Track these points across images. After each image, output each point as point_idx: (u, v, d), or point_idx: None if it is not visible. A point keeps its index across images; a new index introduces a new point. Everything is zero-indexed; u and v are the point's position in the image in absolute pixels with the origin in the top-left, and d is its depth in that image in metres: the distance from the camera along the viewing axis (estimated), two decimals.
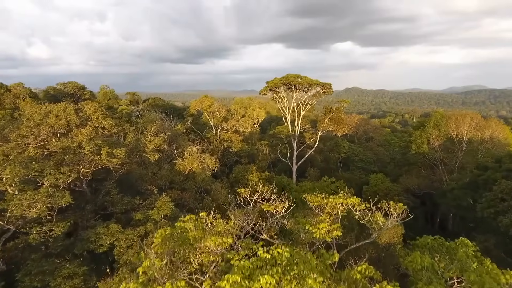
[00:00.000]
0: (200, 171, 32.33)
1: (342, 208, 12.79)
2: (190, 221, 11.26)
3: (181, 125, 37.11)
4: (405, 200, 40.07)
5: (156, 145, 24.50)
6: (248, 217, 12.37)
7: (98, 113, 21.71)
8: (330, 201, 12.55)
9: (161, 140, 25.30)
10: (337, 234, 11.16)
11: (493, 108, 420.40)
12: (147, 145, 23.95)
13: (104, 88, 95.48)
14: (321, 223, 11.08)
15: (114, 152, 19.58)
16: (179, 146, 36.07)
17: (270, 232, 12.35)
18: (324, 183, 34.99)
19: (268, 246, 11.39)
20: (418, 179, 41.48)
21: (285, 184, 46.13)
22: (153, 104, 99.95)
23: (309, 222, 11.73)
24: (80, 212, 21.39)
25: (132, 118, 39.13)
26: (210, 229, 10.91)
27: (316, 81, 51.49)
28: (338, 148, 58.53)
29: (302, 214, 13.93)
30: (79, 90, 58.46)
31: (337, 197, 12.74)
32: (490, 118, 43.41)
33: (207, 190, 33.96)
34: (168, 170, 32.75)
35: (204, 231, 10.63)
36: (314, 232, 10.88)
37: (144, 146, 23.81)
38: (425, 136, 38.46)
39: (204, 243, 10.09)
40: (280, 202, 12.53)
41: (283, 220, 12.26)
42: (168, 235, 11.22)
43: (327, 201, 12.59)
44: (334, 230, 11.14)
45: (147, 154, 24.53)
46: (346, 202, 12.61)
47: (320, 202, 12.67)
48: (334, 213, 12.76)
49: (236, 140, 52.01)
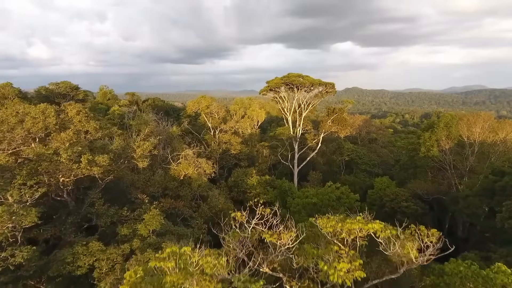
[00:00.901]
0: (196, 177, 30.18)
1: (361, 234, 10.55)
2: (170, 259, 8.87)
3: (176, 127, 34.91)
4: (413, 206, 37.99)
5: (145, 150, 22.38)
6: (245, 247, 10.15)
7: (81, 115, 19.56)
8: (346, 226, 10.34)
9: (150, 145, 23.13)
10: (360, 275, 8.88)
11: (494, 108, 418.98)
12: (135, 151, 21.85)
13: (104, 88, 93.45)
14: (340, 262, 8.81)
15: (96, 159, 17.46)
16: (174, 150, 33.93)
17: (273, 264, 10.14)
18: (328, 189, 32.89)
19: (270, 281, 9.23)
20: (427, 184, 39.34)
21: (286, 188, 44.04)
22: (153, 105, 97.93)
23: (323, 254, 9.51)
24: (61, 226, 19.25)
25: (125, 120, 36.98)
26: (195, 269, 8.68)
27: (319, 80, 49.40)
28: (341, 150, 56.40)
29: (311, 239, 11.66)
30: (72, 90, 56.22)
31: (355, 221, 10.50)
32: (504, 119, 41.22)
33: (203, 196, 31.83)
34: (162, 176, 30.62)
35: (187, 274, 8.39)
36: (331, 274, 8.62)
37: (132, 152, 21.70)
38: (435, 138, 36.32)
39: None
40: (286, 230, 10.25)
41: (289, 253, 9.96)
42: (139, 279, 8.87)
43: (342, 226, 10.37)
44: (356, 269, 8.91)
45: (136, 161, 22.39)
46: (366, 228, 10.35)
47: (335, 227, 10.46)
48: (350, 239, 10.55)
49: (235, 142, 49.88)
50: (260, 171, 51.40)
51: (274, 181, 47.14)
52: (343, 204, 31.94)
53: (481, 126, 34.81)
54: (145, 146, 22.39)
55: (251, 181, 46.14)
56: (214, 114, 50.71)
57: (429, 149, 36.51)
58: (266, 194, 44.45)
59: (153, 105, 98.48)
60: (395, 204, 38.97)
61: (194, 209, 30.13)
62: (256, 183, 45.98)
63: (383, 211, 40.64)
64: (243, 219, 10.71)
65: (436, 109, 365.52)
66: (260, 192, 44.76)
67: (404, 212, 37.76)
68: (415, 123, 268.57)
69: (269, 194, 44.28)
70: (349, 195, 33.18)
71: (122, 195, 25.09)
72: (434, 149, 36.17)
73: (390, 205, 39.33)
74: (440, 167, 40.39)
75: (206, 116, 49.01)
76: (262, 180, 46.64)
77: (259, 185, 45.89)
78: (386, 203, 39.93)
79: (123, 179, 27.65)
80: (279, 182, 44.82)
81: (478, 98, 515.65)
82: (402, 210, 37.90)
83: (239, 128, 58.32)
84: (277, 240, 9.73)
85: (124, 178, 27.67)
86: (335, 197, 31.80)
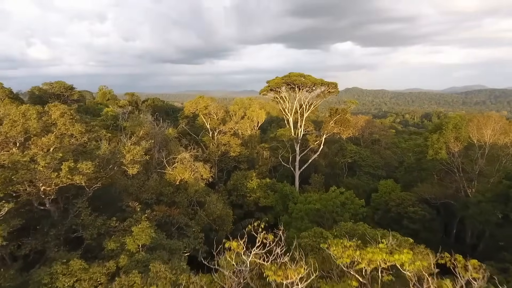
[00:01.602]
0: (193, 182, 28.51)
1: (384, 265, 8.76)
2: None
3: (172, 129, 33.22)
4: (421, 211, 36.32)
5: (136, 155, 20.72)
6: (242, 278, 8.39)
7: (66, 117, 17.87)
8: (367, 256, 8.57)
9: (141, 149, 21.40)
10: None
11: (494, 108, 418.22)
12: (125, 156, 20.19)
13: (103, 88, 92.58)
14: None
15: (78, 166, 15.80)
16: (170, 153, 32.25)
17: None
18: (332, 194, 31.24)
19: None
20: (434, 187, 37.67)
21: (288, 192, 42.37)
22: (152, 105, 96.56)
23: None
24: (43, 238, 17.58)
25: (119, 121, 35.28)
26: None
27: (321, 80, 47.76)
28: (344, 152, 54.73)
29: (320, 264, 9.75)
30: (67, 91, 54.60)
31: (377, 250, 8.67)
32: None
33: (200, 202, 30.16)
34: (156, 181, 28.96)
35: None
36: None
37: (121, 157, 20.04)
38: (443, 140, 34.66)
39: None
40: (294, 265, 8.35)
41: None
42: None
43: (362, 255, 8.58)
44: None
45: (125, 167, 20.70)
46: (392, 259, 8.51)
47: (352, 256, 8.67)
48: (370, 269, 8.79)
49: (234, 144, 48.22)
50: (260, 174, 49.76)
51: (275, 184, 45.50)
52: (348, 210, 30.35)
53: (492, 127, 33.15)
54: (136, 151, 20.70)
55: (251, 185, 44.51)
56: (212, 115, 49.06)
57: (437, 151, 34.85)
58: (266, 198, 42.82)
59: (152, 106, 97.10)
60: (402, 209, 37.32)
61: (191, 216, 28.46)
62: (256, 187, 44.35)
63: (388, 216, 39.02)
64: (240, 250, 8.94)
65: (436, 109, 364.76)
66: (260, 196, 43.13)
67: (411, 217, 36.14)
68: (416, 123, 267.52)
69: (269, 198, 42.65)
70: (354, 201, 31.56)
71: (112, 203, 23.41)
72: (442, 152, 34.50)
73: (396, 210, 37.69)
74: (447, 170, 38.75)
75: (205, 117, 47.34)
76: (263, 184, 45.00)
77: (259, 188, 44.26)
78: (392, 208, 38.30)
79: (115, 185, 25.99)
80: (280, 186, 43.18)
81: (478, 98, 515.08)
82: (409, 216, 36.26)
83: (239, 129, 56.68)
84: (283, 279, 7.95)
85: (116, 183, 26.02)
86: (339, 202, 30.15)
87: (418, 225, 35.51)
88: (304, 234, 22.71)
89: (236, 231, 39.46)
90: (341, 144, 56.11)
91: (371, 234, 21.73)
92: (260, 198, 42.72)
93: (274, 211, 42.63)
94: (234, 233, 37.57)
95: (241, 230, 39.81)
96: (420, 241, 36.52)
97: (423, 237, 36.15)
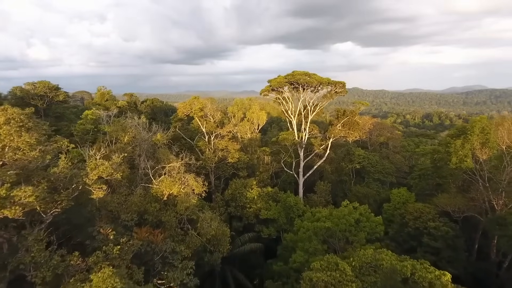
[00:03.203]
0: (183, 197, 24.35)
1: None
2: None
3: (161, 135, 29.05)
4: (443, 227, 32.12)
5: (104, 172, 16.55)
6: None
7: (13, 125, 13.78)
8: None
9: (109, 167, 17.05)
10: None
11: (495, 108, 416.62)
12: (88, 175, 16.01)
13: (101, 89, 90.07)
14: None
15: (14, 194, 11.72)
16: (159, 161, 28.07)
17: None
18: (344, 209, 27.04)
19: None
20: (457, 199, 33.46)
21: (292, 204, 38.18)
22: (151, 105, 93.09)
23: None
24: None
25: (102, 125, 31.12)
26: None
27: (327, 79, 43.63)
28: (351, 157, 50.57)
29: None
30: (51, 91, 50.35)
31: None
32: None
33: (192, 220, 25.96)
34: (141, 196, 24.79)
35: None
36: None
37: (84, 176, 15.87)
38: (469, 147, 30.53)
39: None
40: None
41: None
42: None
43: None
44: None
45: (90, 188, 16.49)
46: None
47: None
48: None
49: (232, 150, 44.06)
50: (261, 181, 45.62)
51: (278, 193, 41.34)
52: (363, 229, 26.17)
53: None
54: (102, 169, 16.51)
55: (251, 194, 40.39)
56: (209, 117, 44.88)
57: (462, 159, 30.68)
58: (268, 209, 38.68)
59: (151, 106, 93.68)
60: (420, 223, 33.11)
61: (181, 237, 24.28)
62: (257, 197, 40.22)
63: (405, 231, 34.79)
64: None
65: (437, 110, 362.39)
66: (261, 208, 39.00)
67: (432, 234, 31.96)
68: (417, 124, 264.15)
69: (271, 210, 38.50)
70: (370, 217, 27.41)
71: (82, 228, 19.21)
72: (468, 160, 30.35)
73: (414, 225, 33.48)
74: (471, 179, 34.60)
75: (200, 120, 43.15)
76: (264, 193, 40.87)
77: (260, 198, 40.14)
78: (409, 222, 34.10)
79: (90, 202, 21.81)
80: (283, 196, 39.01)
81: (478, 98, 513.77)
82: (429, 232, 32.09)
83: (238, 132, 52.57)
84: None
85: (92, 200, 21.85)
86: (353, 220, 25.93)
87: (440, 243, 31.34)
88: (315, 266, 18.53)
89: (234, 248, 35.31)
90: (348, 149, 51.97)
91: (400, 268, 17.61)
92: (261, 210, 38.60)
93: (276, 224, 38.51)
94: (232, 250, 33.48)
95: (239, 247, 35.81)
96: (442, 261, 32.28)
97: (445, 256, 32.04)
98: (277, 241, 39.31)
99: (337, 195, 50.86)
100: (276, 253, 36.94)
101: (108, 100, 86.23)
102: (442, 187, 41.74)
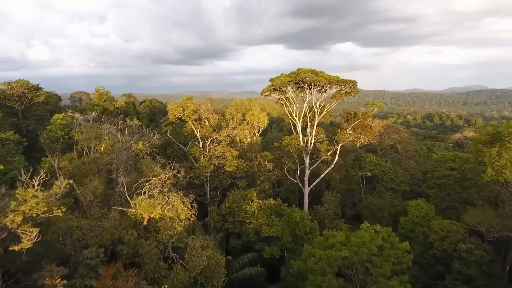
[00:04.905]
0: (167, 222, 19.68)
1: None
2: None
3: (142, 144, 24.31)
4: (477, 250, 27.41)
5: (33, 210, 11.79)
6: None
7: None
8: None
9: (40, 201, 12.19)
10: None
11: (495, 108, 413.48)
12: (7, 214, 11.31)
13: (100, 89, 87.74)
14: None
15: None
16: (141, 175, 23.33)
17: None
18: (364, 234, 22.24)
19: None
20: (490, 215, 28.80)
21: (298, 220, 33.40)
22: (150, 106, 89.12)
23: None
24: None
25: (74, 132, 26.36)
26: None
27: (336, 77, 38.91)
28: (361, 163, 45.86)
29: None
30: (31, 91, 45.59)
31: None
32: None
33: (179, 249, 21.22)
34: (116, 220, 20.09)
35: None
36: None
37: (3, 217, 11.17)
38: (508, 156, 25.91)
39: None
40: None
41: None
42: None
43: None
44: None
45: (17, 232, 11.68)
46: None
47: None
48: None
49: (230, 156, 39.34)
50: (262, 192, 40.85)
51: (281, 206, 36.62)
52: (388, 259, 21.45)
53: None
54: (32, 204, 11.61)
55: (251, 208, 35.66)
56: (204, 120, 40.16)
57: (500, 171, 26.05)
58: (270, 226, 33.89)
59: (150, 107, 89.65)
60: (449, 245, 28.41)
61: (164, 273, 19.52)
62: (258, 210, 35.48)
63: (430, 253, 30.08)
64: None
65: (437, 110, 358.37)
66: (263, 223, 34.23)
67: (463, 258, 27.27)
68: (418, 124, 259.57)
69: (274, 226, 33.72)
70: (395, 243, 22.65)
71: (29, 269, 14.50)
72: (507, 172, 25.71)
73: (440, 246, 28.76)
74: (505, 192, 29.96)
75: (194, 124, 38.38)
76: (265, 206, 36.12)
77: (261, 212, 35.42)
78: (434, 242, 29.41)
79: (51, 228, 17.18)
80: (287, 211, 34.23)
81: (479, 98, 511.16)
82: (460, 255, 27.40)
83: (237, 136, 47.91)
84: None
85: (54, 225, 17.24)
86: (376, 248, 21.19)
87: (474, 269, 26.65)
88: None
89: (232, 272, 30.52)
90: (357, 154, 47.26)
91: None
92: (263, 226, 33.85)
93: (280, 242, 33.78)
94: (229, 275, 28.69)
95: (237, 271, 31.01)
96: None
97: (480, 284, 27.34)
98: (280, 261, 34.69)
99: (346, 206, 46.18)
100: (280, 276, 32.41)
101: (106, 101, 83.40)
102: (465, 199, 37.12)
